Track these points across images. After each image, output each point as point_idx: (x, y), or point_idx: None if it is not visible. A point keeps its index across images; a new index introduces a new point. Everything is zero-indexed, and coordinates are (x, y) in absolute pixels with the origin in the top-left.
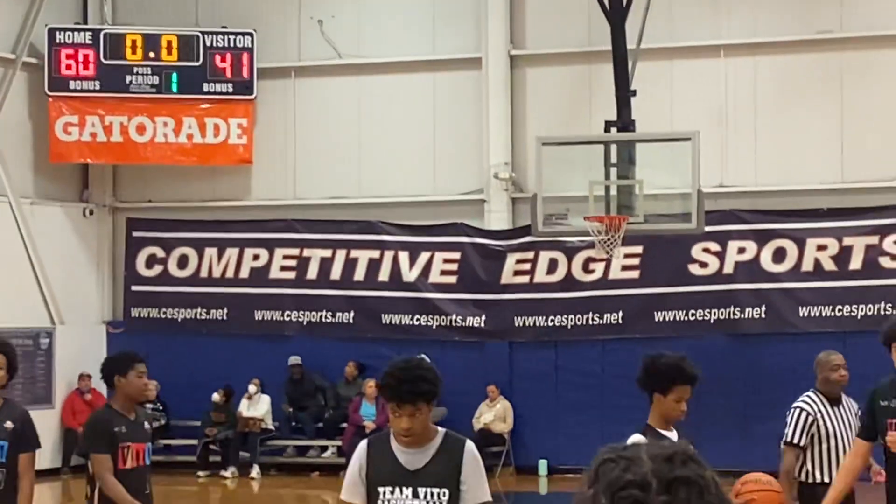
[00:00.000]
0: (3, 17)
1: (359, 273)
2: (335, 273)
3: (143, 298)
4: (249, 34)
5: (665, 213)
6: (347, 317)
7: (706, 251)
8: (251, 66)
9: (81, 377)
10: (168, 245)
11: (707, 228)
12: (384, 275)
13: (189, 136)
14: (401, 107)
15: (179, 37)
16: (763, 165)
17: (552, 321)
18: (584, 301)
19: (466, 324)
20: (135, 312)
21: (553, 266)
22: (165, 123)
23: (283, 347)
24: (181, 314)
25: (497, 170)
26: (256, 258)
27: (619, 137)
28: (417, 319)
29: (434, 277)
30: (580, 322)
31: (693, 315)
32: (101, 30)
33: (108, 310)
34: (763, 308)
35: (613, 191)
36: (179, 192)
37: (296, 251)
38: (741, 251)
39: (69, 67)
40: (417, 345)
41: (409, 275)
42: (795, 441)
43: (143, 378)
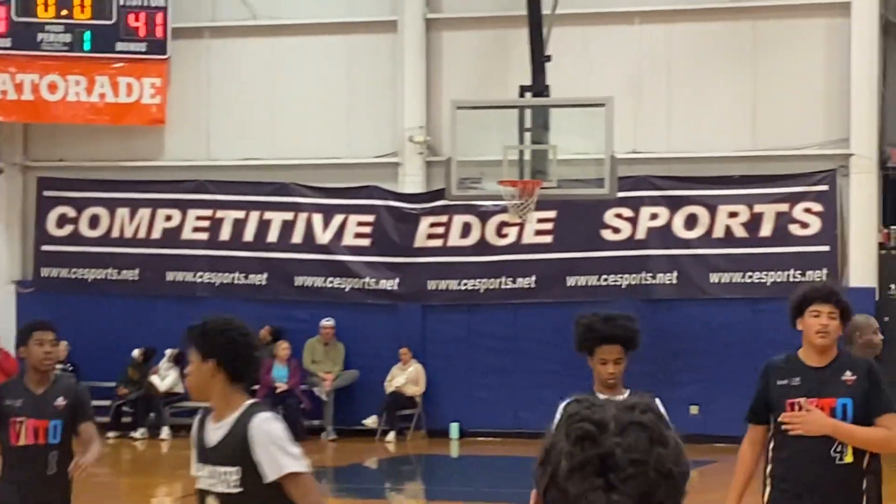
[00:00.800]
0: None
1: (272, 235)
2: (248, 235)
3: (54, 258)
4: None
5: (578, 179)
6: (260, 279)
7: (619, 217)
8: (165, 26)
9: None
10: (79, 205)
11: (620, 194)
12: (298, 237)
13: (101, 96)
14: (315, 69)
15: None
16: (676, 132)
17: (465, 285)
18: (498, 265)
19: (380, 287)
20: (45, 272)
21: (467, 230)
22: (77, 82)
23: (195, 309)
24: (92, 274)
25: (412, 133)
26: (169, 219)
27: (534, 102)
28: (331, 282)
29: (348, 240)
30: (493, 286)
31: (605, 280)
32: None
33: (18, 270)
34: (674, 274)
35: (527, 155)
36: (91, 152)
37: (209, 212)
38: (653, 217)
39: None
40: (330, 307)
41: (323, 237)
42: None
43: (44, 346)
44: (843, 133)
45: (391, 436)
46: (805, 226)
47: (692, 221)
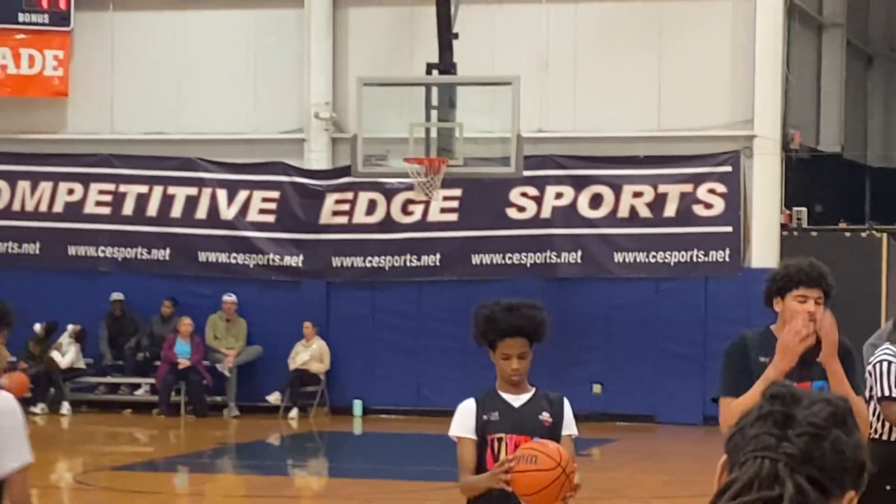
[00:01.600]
0: None
1: (176, 210)
2: (152, 209)
3: None
4: None
5: (484, 157)
6: (163, 254)
7: (524, 195)
8: None
9: None
10: None
11: (525, 173)
12: (202, 212)
13: (3, 67)
14: (221, 43)
15: None
16: (582, 112)
17: (370, 262)
18: (403, 243)
19: (284, 263)
20: None
21: (372, 207)
22: None
23: (98, 283)
24: None
25: (318, 109)
26: (71, 192)
27: (440, 80)
28: (234, 258)
29: (252, 216)
30: (398, 264)
31: (510, 259)
32: None
33: None
34: (579, 253)
35: (434, 133)
36: None
37: (112, 186)
38: (558, 196)
39: None
40: (234, 283)
41: (228, 213)
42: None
43: None
44: (748, 115)
45: (294, 412)
46: (709, 206)
47: (597, 201)
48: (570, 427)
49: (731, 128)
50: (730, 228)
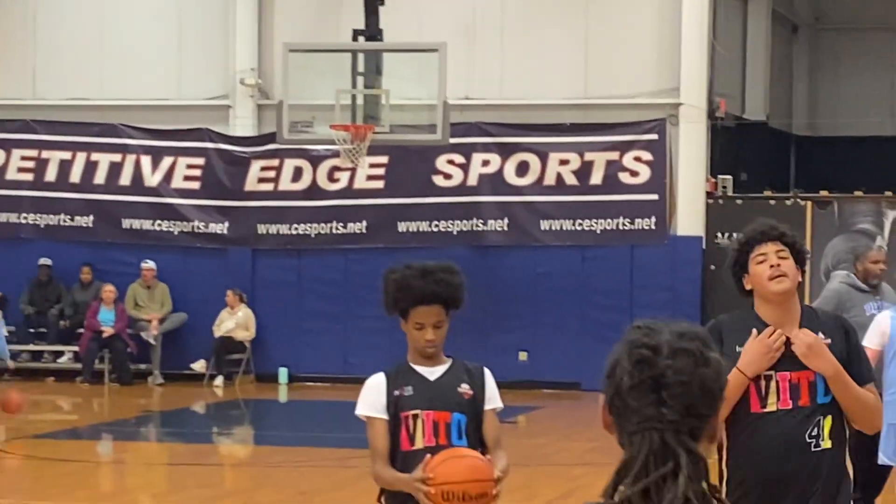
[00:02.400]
0: None
1: (99, 176)
2: (75, 176)
3: None
4: None
5: (411, 124)
6: (87, 221)
7: (451, 163)
8: None
9: None
10: None
11: (452, 140)
12: (125, 179)
13: None
14: (145, 8)
15: None
16: (509, 79)
17: (296, 229)
18: (329, 210)
19: (209, 230)
20: None
21: (298, 174)
22: None
23: (20, 250)
24: None
25: (243, 76)
26: None
27: (367, 46)
28: (159, 225)
29: (177, 183)
30: (324, 231)
31: (437, 226)
32: None
33: None
34: (505, 220)
35: (360, 100)
36: None
37: (34, 153)
38: (485, 164)
39: None
40: (159, 250)
41: (152, 179)
42: None
43: None
44: (674, 83)
45: (219, 380)
46: (635, 174)
47: (523, 169)
48: (494, 400)
49: (658, 96)
50: (655, 196)
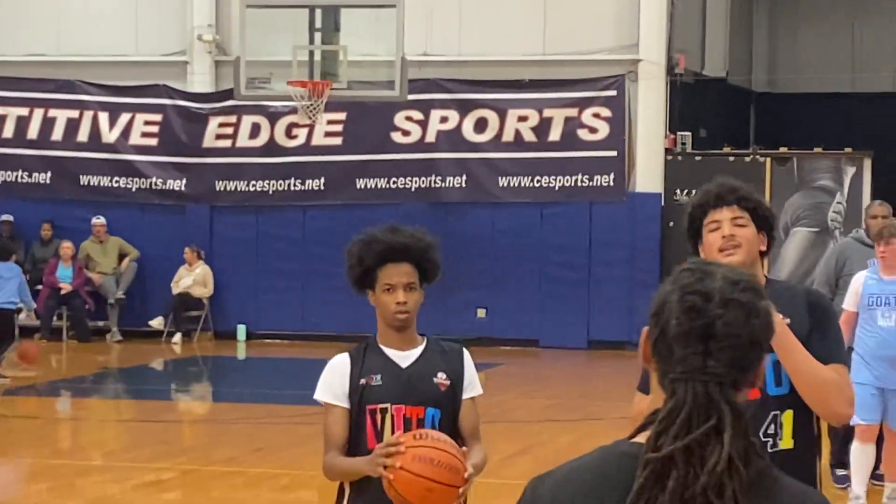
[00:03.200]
0: None
1: (57, 133)
2: (32, 132)
3: None
4: None
5: (369, 81)
6: (44, 177)
7: (409, 119)
8: None
9: None
10: None
11: (410, 97)
12: (83, 135)
13: None
14: None
15: None
16: (467, 35)
17: (254, 186)
18: (287, 167)
19: (167, 187)
20: None
21: (256, 131)
22: None
23: None
24: None
25: (200, 32)
26: None
27: (324, 2)
28: (117, 182)
29: (134, 139)
30: (282, 188)
31: (395, 183)
32: None
33: None
34: (464, 177)
35: (318, 56)
36: None
37: None
38: (443, 120)
39: None
40: (116, 207)
41: (109, 136)
42: None
43: None
44: (633, 39)
45: (177, 337)
46: (593, 131)
47: (482, 125)
48: (473, 387)
49: (616, 52)
50: (614, 153)
